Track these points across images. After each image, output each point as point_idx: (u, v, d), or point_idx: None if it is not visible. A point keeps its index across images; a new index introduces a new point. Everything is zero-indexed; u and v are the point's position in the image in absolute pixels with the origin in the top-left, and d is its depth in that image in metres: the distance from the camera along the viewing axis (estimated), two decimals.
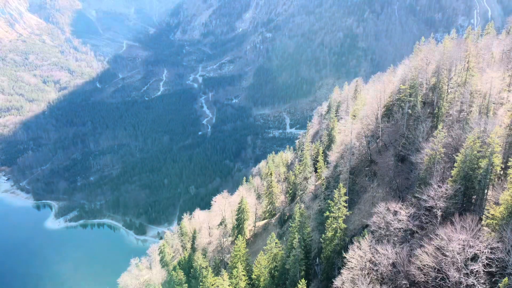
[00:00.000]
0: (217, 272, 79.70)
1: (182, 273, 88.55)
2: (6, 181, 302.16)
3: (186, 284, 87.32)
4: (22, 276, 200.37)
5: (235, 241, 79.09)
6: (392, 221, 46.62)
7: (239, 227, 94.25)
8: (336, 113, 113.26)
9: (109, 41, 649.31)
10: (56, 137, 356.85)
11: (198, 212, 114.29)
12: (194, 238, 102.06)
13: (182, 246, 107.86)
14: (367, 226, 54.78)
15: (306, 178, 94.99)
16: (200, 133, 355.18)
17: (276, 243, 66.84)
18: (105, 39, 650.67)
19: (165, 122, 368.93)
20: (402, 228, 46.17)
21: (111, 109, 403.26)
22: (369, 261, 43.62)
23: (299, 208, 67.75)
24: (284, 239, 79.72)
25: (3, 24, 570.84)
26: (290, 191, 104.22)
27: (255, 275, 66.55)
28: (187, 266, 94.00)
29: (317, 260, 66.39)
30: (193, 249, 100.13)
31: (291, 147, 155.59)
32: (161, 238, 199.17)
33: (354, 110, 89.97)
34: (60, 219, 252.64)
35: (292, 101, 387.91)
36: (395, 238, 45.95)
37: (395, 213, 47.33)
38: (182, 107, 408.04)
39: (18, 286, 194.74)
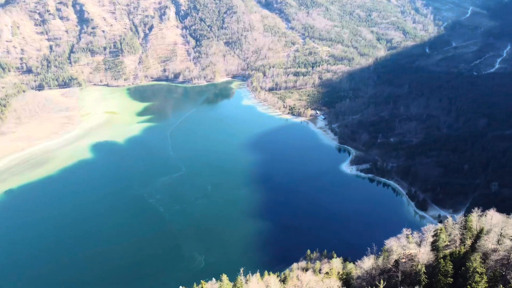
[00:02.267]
0: (492, 285, 69.76)
1: (451, 267, 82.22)
2: (323, 120, 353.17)
3: (452, 279, 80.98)
4: (313, 204, 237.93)
5: None
6: None
7: None
8: None
9: (454, 5, 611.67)
10: (372, 93, 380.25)
11: (492, 212, 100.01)
12: (478, 237, 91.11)
13: (460, 239, 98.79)
14: None
15: None
16: None
17: None
18: (449, 3, 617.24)
19: (487, 104, 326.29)
20: None
21: (432, 77, 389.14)
22: None
23: None
24: None
25: None
26: None
27: None
28: (459, 262, 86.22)
29: None
30: (472, 248, 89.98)
31: None
32: (440, 222, 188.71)
33: None
34: (353, 167, 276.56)
35: None
36: None
37: None
38: None
39: (306, 207, 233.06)
